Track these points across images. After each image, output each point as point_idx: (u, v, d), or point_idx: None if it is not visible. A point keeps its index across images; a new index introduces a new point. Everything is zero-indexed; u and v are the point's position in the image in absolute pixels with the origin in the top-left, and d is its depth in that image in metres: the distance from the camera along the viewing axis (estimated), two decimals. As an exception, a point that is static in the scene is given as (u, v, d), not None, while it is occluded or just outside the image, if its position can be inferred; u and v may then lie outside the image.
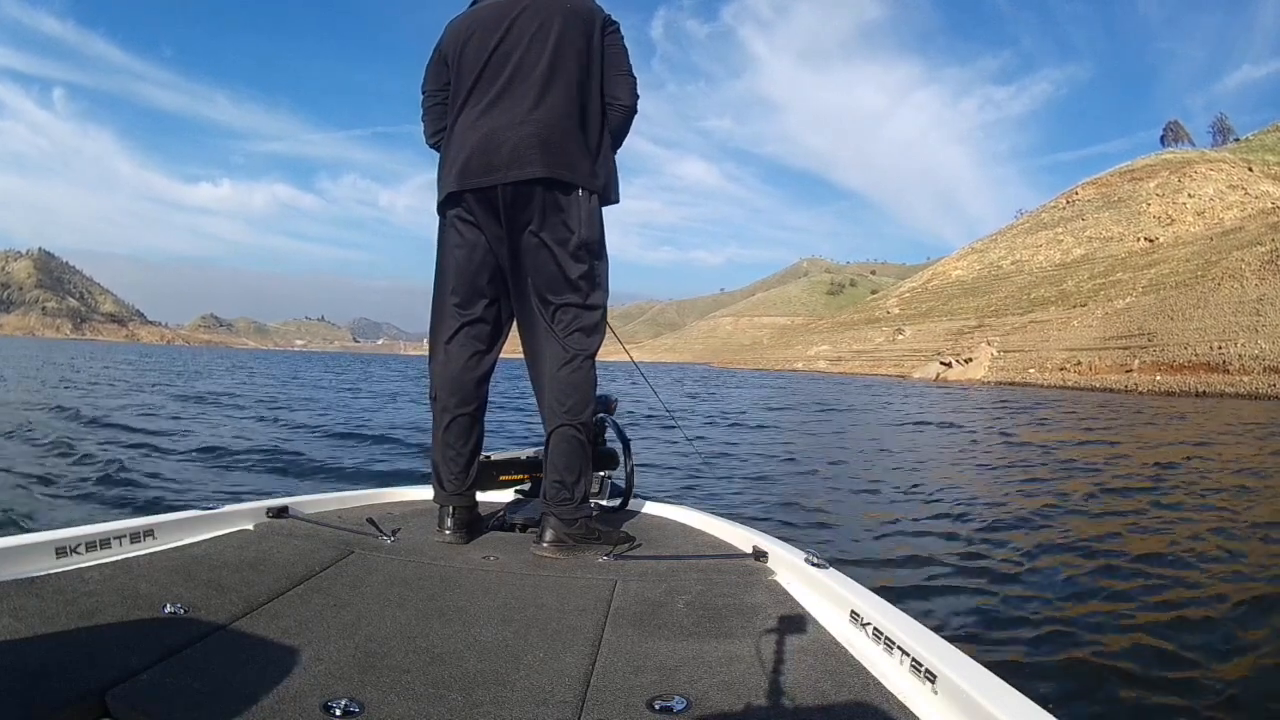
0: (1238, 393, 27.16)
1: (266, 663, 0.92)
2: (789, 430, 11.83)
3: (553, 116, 1.57)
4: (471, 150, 1.58)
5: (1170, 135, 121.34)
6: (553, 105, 1.57)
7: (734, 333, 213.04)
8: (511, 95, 1.58)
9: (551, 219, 1.57)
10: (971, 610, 2.83)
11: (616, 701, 0.88)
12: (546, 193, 1.55)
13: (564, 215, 1.57)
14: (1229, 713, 2.02)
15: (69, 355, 46.38)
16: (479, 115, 1.60)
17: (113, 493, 4.63)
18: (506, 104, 1.58)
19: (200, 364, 42.06)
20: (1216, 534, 3.99)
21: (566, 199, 1.57)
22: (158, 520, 1.39)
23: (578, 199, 1.58)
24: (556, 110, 1.57)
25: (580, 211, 1.58)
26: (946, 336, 63.26)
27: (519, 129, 1.55)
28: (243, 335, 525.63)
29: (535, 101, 1.57)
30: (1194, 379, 30.93)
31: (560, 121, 1.57)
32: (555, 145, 1.56)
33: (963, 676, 0.86)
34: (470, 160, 1.57)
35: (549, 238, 1.57)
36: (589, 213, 1.60)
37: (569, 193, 1.57)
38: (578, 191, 1.58)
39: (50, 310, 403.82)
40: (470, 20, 1.68)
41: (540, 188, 1.55)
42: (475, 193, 1.58)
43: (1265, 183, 67.36)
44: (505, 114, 1.57)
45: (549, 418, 1.61)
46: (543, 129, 1.55)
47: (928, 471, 6.80)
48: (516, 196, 1.55)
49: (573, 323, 1.61)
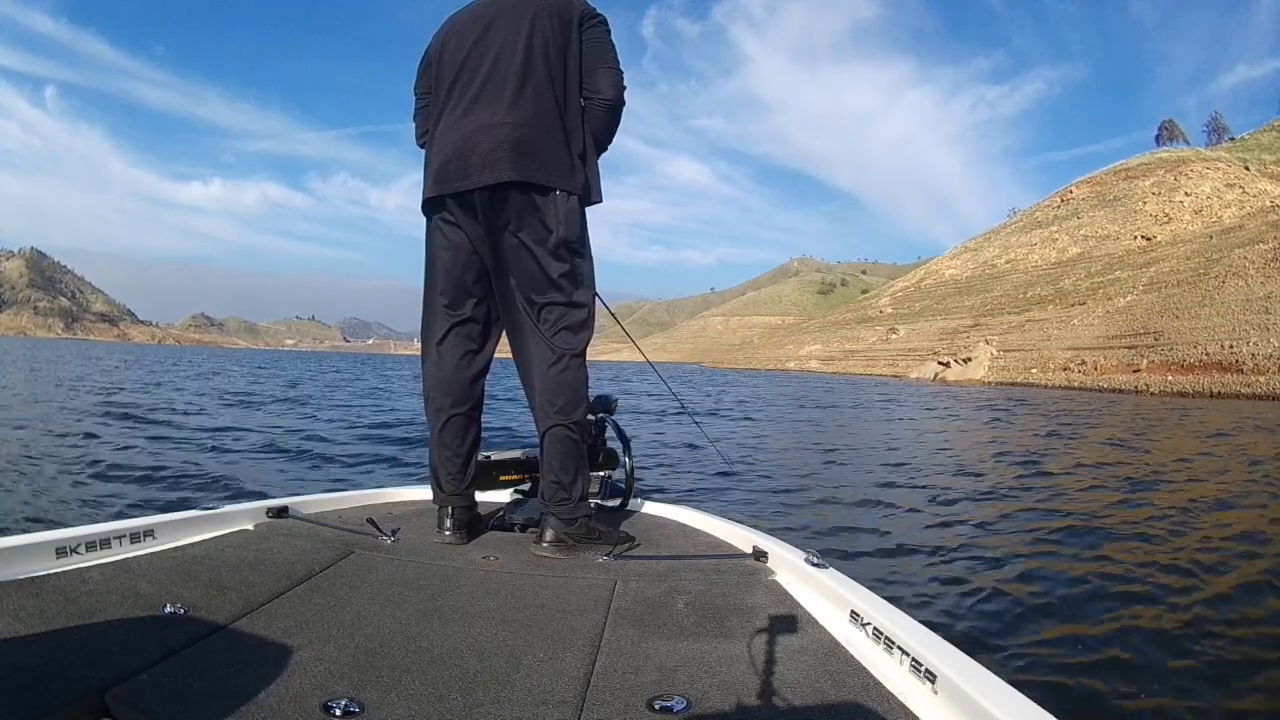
0: (1254, 393, 26.26)
1: (266, 663, 0.92)
2: (789, 431, 11.84)
3: (528, 118, 1.55)
4: (448, 155, 1.58)
5: (1166, 134, 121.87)
6: (528, 106, 1.56)
7: (724, 332, 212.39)
8: (487, 98, 1.57)
9: (529, 219, 1.56)
10: (972, 610, 2.83)
11: (616, 701, 0.88)
12: (522, 195, 1.54)
13: (540, 215, 1.56)
14: (1234, 715, 2.03)
15: (95, 355, 45.96)
16: (457, 119, 1.59)
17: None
18: (482, 107, 1.57)
19: (217, 364, 41.26)
20: (1240, 540, 3.89)
21: (543, 199, 1.56)
22: (158, 520, 1.39)
23: (554, 199, 1.56)
24: (531, 111, 1.56)
25: (558, 211, 1.56)
26: (942, 336, 63.26)
27: (494, 132, 1.54)
28: (233, 335, 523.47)
29: (510, 104, 1.56)
30: (1207, 379, 30.02)
31: (536, 123, 1.56)
32: (529, 147, 1.54)
33: (963, 676, 0.86)
34: (447, 164, 1.57)
35: (527, 238, 1.56)
36: (567, 212, 1.57)
37: (545, 194, 1.56)
38: (555, 192, 1.56)
39: (42, 310, 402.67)
40: (450, 25, 1.68)
41: (515, 190, 1.54)
42: (454, 196, 1.58)
43: (1263, 181, 67.58)
44: (480, 117, 1.57)
45: (541, 418, 1.61)
46: (517, 131, 1.54)
47: (929, 472, 6.79)
48: (493, 200, 1.55)
49: (558, 321, 1.61)
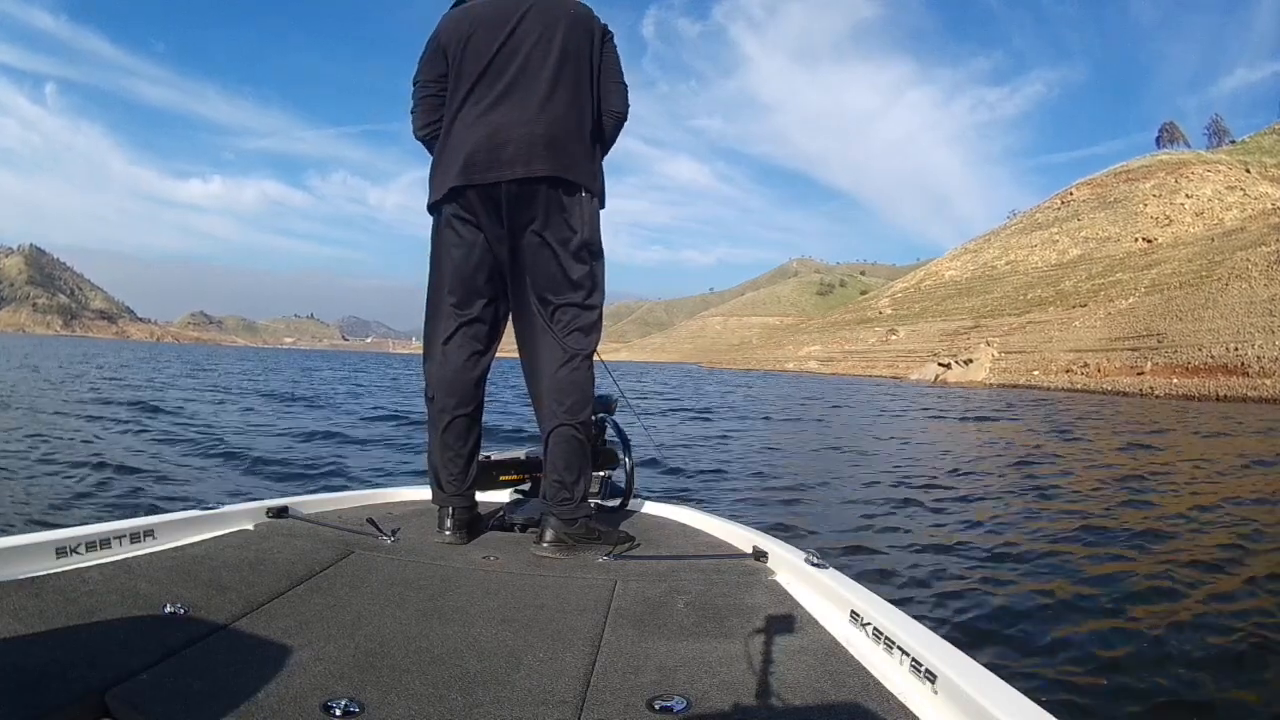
0: (1261, 396, 25.57)
1: (266, 663, 0.92)
2: (789, 431, 11.84)
3: (557, 118, 1.58)
4: (475, 146, 1.56)
5: (1166, 136, 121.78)
6: (558, 107, 1.59)
7: (723, 332, 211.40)
8: (518, 94, 1.58)
9: (555, 218, 1.57)
10: (972, 610, 2.83)
11: (616, 701, 0.88)
12: (551, 191, 1.56)
13: (567, 215, 1.58)
14: (1234, 713, 2.03)
15: (119, 355, 45.67)
16: (483, 112, 1.59)
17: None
18: (512, 102, 1.58)
19: (248, 365, 40.51)
20: (1243, 541, 3.90)
21: (570, 199, 1.58)
22: (158, 520, 1.39)
23: (580, 199, 1.60)
24: (561, 112, 1.59)
25: (583, 212, 1.60)
26: (942, 337, 63.13)
27: (528, 127, 1.56)
28: (232, 333, 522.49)
29: (542, 102, 1.58)
30: (1213, 382, 29.36)
31: (564, 123, 1.59)
32: (561, 146, 1.57)
33: (963, 676, 0.86)
34: (475, 155, 1.56)
35: (552, 237, 1.58)
36: (591, 213, 1.61)
37: (573, 193, 1.59)
38: (581, 192, 1.60)
39: (41, 307, 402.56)
40: (471, 16, 1.66)
41: (545, 186, 1.55)
42: (478, 189, 1.57)
43: (1264, 184, 67.42)
44: (511, 112, 1.57)
45: (547, 417, 1.61)
46: (550, 129, 1.56)
47: (930, 472, 6.80)
48: (521, 194, 1.55)
49: (571, 322, 1.61)
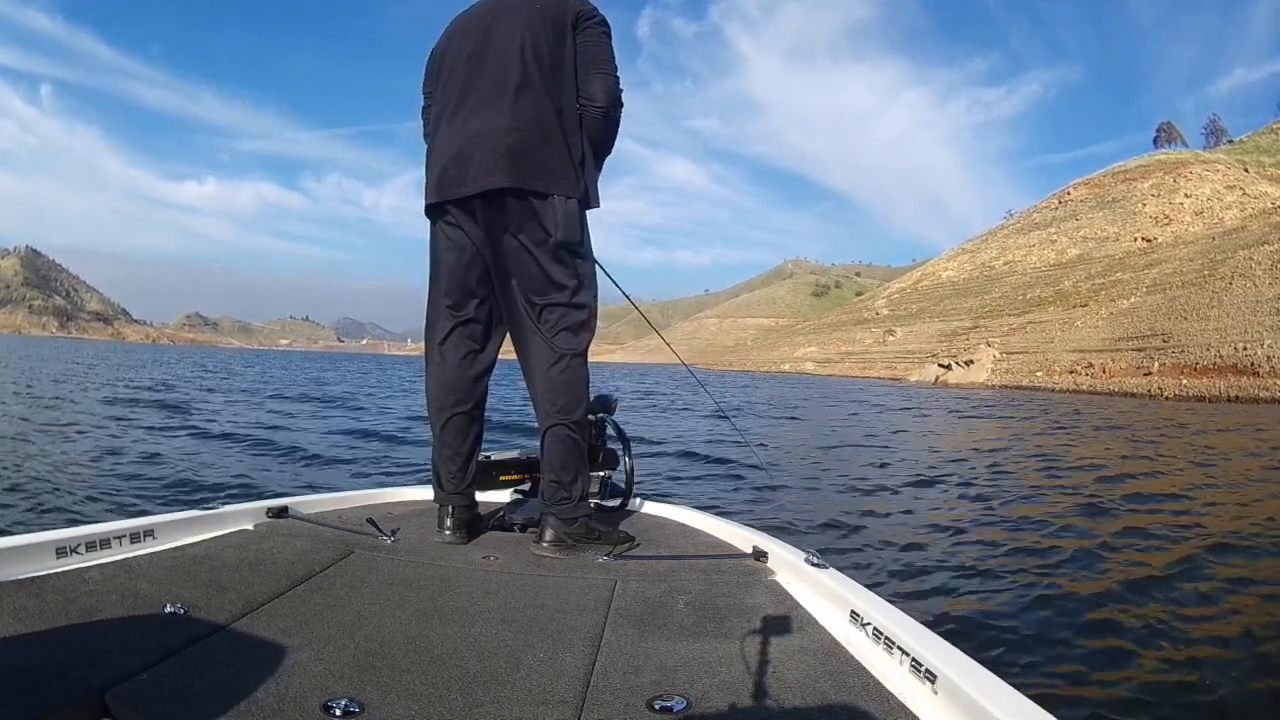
0: (1273, 397, 25.25)
1: (266, 663, 0.92)
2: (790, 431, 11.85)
3: (525, 124, 1.55)
4: (447, 162, 1.59)
5: (1164, 136, 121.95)
6: (524, 113, 1.56)
7: (718, 334, 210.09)
8: (484, 105, 1.58)
9: (528, 223, 1.56)
10: (972, 610, 2.83)
11: (616, 701, 0.88)
12: (518, 201, 1.55)
13: (539, 218, 1.56)
14: (1241, 712, 2.03)
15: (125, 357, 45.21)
16: (457, 126, 1.61)
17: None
18: (480, 115, 1.58)
19: (279, 371, 39.25)
20: (1247, 541, 3.90)
21: (541, 204, 1.55)
22: (158, 520, 1.39)
23: (553, 203, 1.56)
24: (530, 117, 1.56)
25: (556, 214, 1.56)
26: (940, 338, 63.08)
27: (492, 138, 1.55)
28: (227, 334, 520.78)
29: (507, 111, 1.56)
30: (1222, 382, 28.95)
31: (533, 129, 1.56)
32: (526, 154, 1.54)
33: (963, 676, 0.86)
34: (446, 171, 1.59)
35: (527, 240, 1.57)
36: (565, 214, 1.56)
37: (543, 199, 1.56)
38: (553, 196, 1.56)
39: (37, 308, 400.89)
40: (450, 30, 1.70)
41: (511, 196, 1.54)
42: (454, 202, 1.59)
43: (1263, 183, 67.54)
44: (478, 123, 1.57)
45: (542, 418, 1.62)
46: (513, 137, 1.54)
47: (931, 474, 6.80)
48: (490, 204, 1.56)
49: (559, 322, 1.61)
